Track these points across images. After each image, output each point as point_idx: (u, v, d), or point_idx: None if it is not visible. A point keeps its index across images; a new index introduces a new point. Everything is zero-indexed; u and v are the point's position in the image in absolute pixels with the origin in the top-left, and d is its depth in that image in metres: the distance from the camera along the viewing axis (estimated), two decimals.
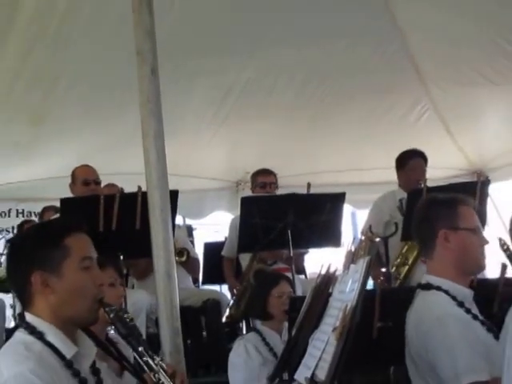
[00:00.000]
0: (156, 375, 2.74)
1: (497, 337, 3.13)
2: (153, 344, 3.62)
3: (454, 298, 3.42)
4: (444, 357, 3.30)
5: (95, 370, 2.76)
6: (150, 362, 2.79)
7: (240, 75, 7.06)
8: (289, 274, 5.64)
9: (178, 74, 4.30)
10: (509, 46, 6.75)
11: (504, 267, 3.97)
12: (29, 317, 2.62)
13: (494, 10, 6.55)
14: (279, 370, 3.62)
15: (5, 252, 5.19)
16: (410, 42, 7.25)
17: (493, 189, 6.97)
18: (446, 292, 3.44)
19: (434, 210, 3.59)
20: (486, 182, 6.58)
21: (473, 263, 3.63)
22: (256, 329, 5.05)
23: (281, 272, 5.60)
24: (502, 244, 3.79)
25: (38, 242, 2.70)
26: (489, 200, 5.35)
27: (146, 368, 2.78)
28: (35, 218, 6.75)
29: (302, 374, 2.96)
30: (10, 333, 2.76)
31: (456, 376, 3.21)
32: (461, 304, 3.42)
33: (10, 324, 5.88)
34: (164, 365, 2.85)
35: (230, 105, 7.34)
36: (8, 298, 5.68)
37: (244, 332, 5.19)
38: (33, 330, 2.59)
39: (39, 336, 2.57)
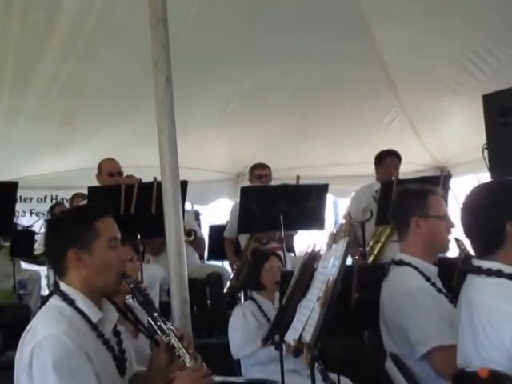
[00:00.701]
0: (167, 337, 2.74)
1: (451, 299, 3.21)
2: (164, 311, 3.62)
3: (422, 273, 3.44)
4: (414, 324, 3.30)
5: (116, 332, 2.81)
6: (163, 325, 2.81)
7: (241, 84, 7.07)
8: (280, 252, 5.62)
9: (189, 82, 4.25)
10: (468, 63, 6.75)
11: (458, 243, 3.95)
12: (63, 286, 2.65)
13: (457, 29, 6.54)
14: (272, 333, 3.60)
15: (42, 231, 5.09)
16: (384, 56, 7.24)
17: (453, 182, 6.98)
18: (416, 268, 3.45)
19: (407, 200, 3.54)
20: (447, 176, 6.58)
21: (440, 246, 3.67)
22: (252, 297, 5.04)
23: (272, 250, 5.61)
24: (460, 244, 3.80)
25: (74, 224, 2.75)
26: (450, 192, 5.27)
27: (158, 331, 2.80)
28: (66, 203, 6.64)
29: (291, 336, 2.95)
30: (45, 299, 2.78)
31: (424, 340, 3.21)
32: (428, 279, 3.44)
33: (45, 292, 5.84)
34: (174, 328, 2.85)
35: (232, 109, 7.33)
36: (43, 271, 5.62)
37: (242, 300, 5.16)
38: (65, 297, 2.62)
39: (70, 302, 2.60)
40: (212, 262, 7.09)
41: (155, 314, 2.79)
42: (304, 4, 6.26)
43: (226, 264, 6.98)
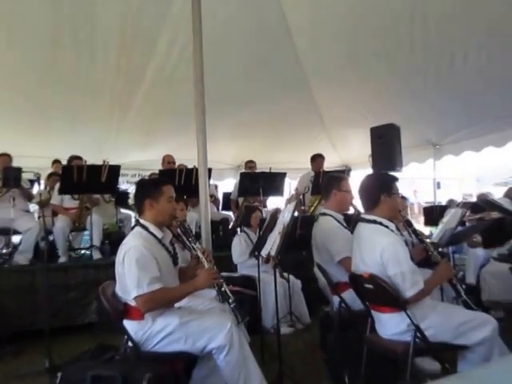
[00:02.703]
0: (196, 251, 2.87)
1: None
2: (197, 237, 3.61)
3: (336, 219, 3.42)
4: (332, 244, 3.27)
5: (172, 244, 2.86)
6: (195, 245, 2.83)
7: (240, 115, 6.97)
8: (260, 208, 5.67)
9: (212, 112, 4.19)
10: (362, 110, 6.70)
11: (354, 206, 3.88)
12: (141, 220, 2.75)
13: (358, 92, 6.49)
14: (254, 250, 3.61)
15: (132, 192, 5.13)
16: (318, 101, 7.15)
17: (352, 174, 7.02)
18: (332, 216, 3.43)
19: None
20: (349, 171, 6.64)
21: (346, 206, 3.59)
22: (244, 231, 5.06)
23: (256, 206, 5.57)
24: (354, 206, 3.58)
25: (149, 187, 2.80)
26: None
27: (194, 246, 2.84)
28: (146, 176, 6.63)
29: (264, 252, 2.97)
30: (132, 228, 2.79)
31: (339, 253, 3.20)
32: (339, 222, 3.42)
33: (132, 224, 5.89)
34: (200, 246, 2.93)
35: (235, 130, 7.29)
36: (132, 213, 5.63)
37: (239, 232, 5.16)
38: (143, 226, 2.70)
39: (146, 228, 2.70)
40: (223, 212, 7.03)
41: (191, 238, 2.86)
42: (261, 64, 6.06)
43: (230, 213, 6.93)
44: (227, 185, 8.17)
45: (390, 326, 2.56)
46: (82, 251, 5.75)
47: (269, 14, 5.42)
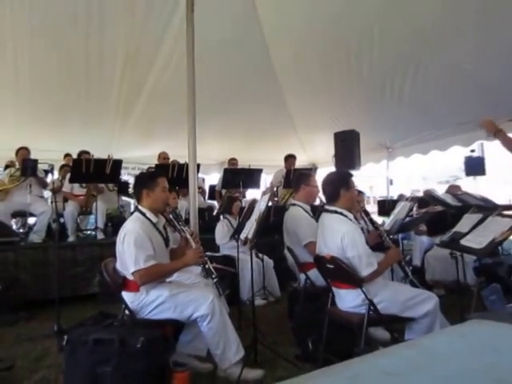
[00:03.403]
0: (185, 233, 2.81)
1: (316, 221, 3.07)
2: (187, 222, 3.54)
3: (304, 209, 3.38)
4: (300, 230, 3.23)
5: (165, 228, 2.81)
6: (185, 228, 2.79)
7: (225, 120, 6.86)
8: (240, 198, 5.61)
9: (202, 117, 4.12)
10: (329, 119, 6.69)
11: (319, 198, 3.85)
12: (140, 207, 2.70)
13: (327, 104, 6.47)
14: (234, 233, 3.58)
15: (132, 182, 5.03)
16: (292, 113, 7.12)
17: (318, 172, 6.98)
18: (301, 207, 3.40)
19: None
20: (316, 169, 6.62)
21: (314, 199, 3.57)
22: (226, 217, 4.98)
23: (236, 197, 5.48)
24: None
25: (146, 178, 2.78)
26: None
27: (183, 229, 2.79)
28: (144, 170, 6.46)
29: (243, 235, 2.93)
30: (131, 213, 2.77)
31: (304, 238, 3.18)
32: (307, 212, 3.39)
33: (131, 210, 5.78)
34: (189, 229, 2.86)
35: (222, 132, 7.19)
36: (132, 201, 5.52)
37: (222, 218, 5.08)
38: (141, 212, 2.65)
39: (143, 213, 2.66)
40: (209, 201, 6.94)
41: (181, 223, 2.81)
42: (243, 78, 6.03)
43: (215, 202, 6.86)
44: (213, 178, 8.07)
45: (348, 300, 2.55)
46: (88, 232, 5.68)
47: (251, 34, 5.41)
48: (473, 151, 6.17)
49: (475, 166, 6.16)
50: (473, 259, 3.81)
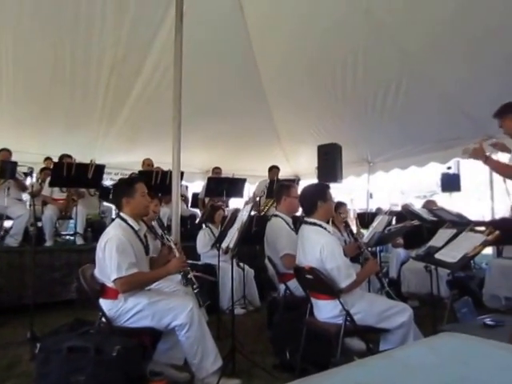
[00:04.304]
0: (168, 242, 2.74)
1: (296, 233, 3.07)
2: (168, 229, 3.51)
3: (285, 221, 3.39)
4: (278, 242, 3.23)
5: (145, 236, 2.77)
6: (170, 237, 2.78)
7: (209, 129, 6.86)
8: (223, 207, 5.60)
9: (187, 125, 4.10)
10: (313, 131, 6.79)
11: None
12: (121, 214, 2.65)
13: (308, 117, 6.55)
14: (216, 243, 3.56)
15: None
16: (276, 124, 7.20)
17: (301, 183, 7.04)
18: (282, 218, 3.40)
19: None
20: (298, 180, 6.67)
21: (295, 210, 3.54)
22: (208, 226, 4.95)
23: (219, 206, 5.47)
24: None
25: (125, 186, 2.72)
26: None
27: (168, 238, 2.78)
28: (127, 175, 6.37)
29: (224, 244, 2.92)
30: (113, 219, 2.71)
31: (281, 249, 3.20)
32: (288, 224, 3.38)
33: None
34: (171, 238, 2.84)
35: (207, 140, 7.18)
36: (113, 206, 5.43)
37: (204, 227, 5.05)
38: (122, 218, 2.60)
39: (125, 220, 2.62)
40: (191, 209, 6.88)
41: (166, 231, 2.80)
42: (229, 88, 6.06)
43: (198, 210, 6.81)
44: (196, 186, 8.00)
45: (326, 310, 2.56)
46: (67, 237, 5.55)
47: (239, 47, 5.50)
48: (449, 168, 6.34)
49: (451, 183, 6.33)
50: (446, 273, 3.89)
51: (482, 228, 2.31)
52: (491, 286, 4.25)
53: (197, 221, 6.20)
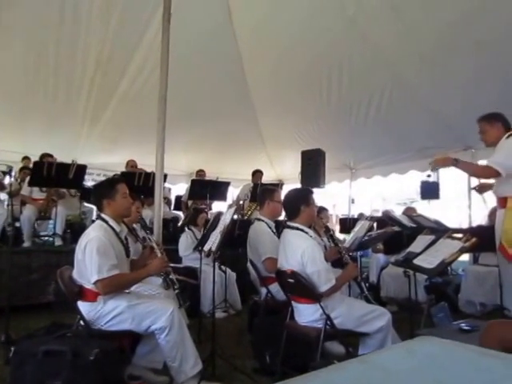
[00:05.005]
0: (150, 243, 2.71)
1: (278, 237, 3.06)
2: (151, 232, 3.46)
3: (268, 225, 3.37)
4: (261, 245, 3.23)
5: (126, 238, 2.71)
6: (149, 237, 2.75)
7: (194, 133, 6.86)
8: (206, 210, 5.56)
9: (172, 127, 4.06)
10: (297, 137, 6.84)
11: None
12: (102, 215, 2.60)
13: (291, 122, 6.60)
14: (198, 245, 3.53)
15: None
16: (262, 128, 7.25)
17: (284, 187, 7.04)
18: (265, 222, 3.38)
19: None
20: (282, 185, 6.70)
21: (279, 214, 3.50)
22: (191, 229, 4.93)
23: (202, 209, 5.44)
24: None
25: (105, 187, 2.68)
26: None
27: (150, 238, 2.76)
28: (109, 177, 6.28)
29: (207, 247, 2.90)
30: (94, 221, 2.65)
31: (264, 253, 3.21)
32: (270, 227, 3.36)
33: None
34: (154, 238, 2.81)
35: (192, 142, 7.17)
36: (95, 207, 5.34)
37: (186, 230, 5.00)
38: (103, 219, 2.56)
39: (105, 221, 2.57)
40: (174, 211, 6.81)
41: (148, 231, 2.78)
42: (215, 91, 6.05)
43: (180, 213, 6.77)
44: (180, 188, 7.94)
45: (306, 314, 2.57)
46: (46, 238, 5.41)
47: (227, 51, 5.52)
48: (429, 176, 6.44)
49: (430, 191, 6.44)
50: (424, 278, 3.95)
51: (460, 235, 2.36)
52: (467, 292, 4.34)
53: (179, 223, 6.16)
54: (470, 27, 3.98)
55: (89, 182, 6.51)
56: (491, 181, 3.10)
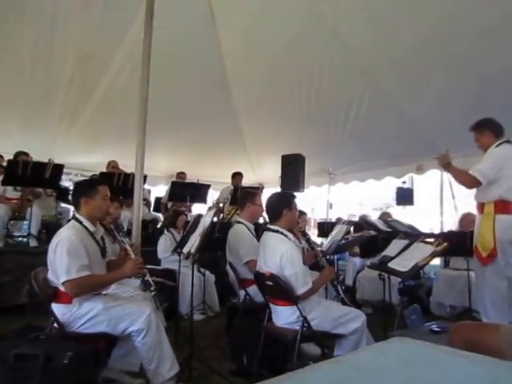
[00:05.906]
0: (125, 245, 2.70)
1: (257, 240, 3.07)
2: (129, 233, 3.42)
3: (248, 228, 3.39)
4: (241, 248, 3.21)
5: (102, 238, 2.67)
6: (125, 239, 2.70)
7: (177, 135, 6.79)
8: (186, 212, 5.54)
9: (152, 128, 4.02)
10: (278, 143, 6.87)
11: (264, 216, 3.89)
12: (77, 215, 2.56)
13: (276, 130, 6.66)
14: (177, 247, 3.50)
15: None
16: (244, 136, 7.26)
17: (265, 191, 7.04)
18: (245, 225, 3.38)
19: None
20: (262, 188, 6.70)
21: (258, 216, 3.58)
22: (170, 231, 4.88)
23: (182, 211, 5.40)
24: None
25: (86, 186, 2.62)
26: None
27: (123, 240, 2.70)
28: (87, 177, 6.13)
29: (186, 249, 2.87)
30: (69, 220, 2.57)
31: (245, 255, 3.21)
32: (251, 230, 3.38)
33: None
34: (129, 241, 2.79)
35: (172, 144, 7.08)
36: (71, 208, 5.22)
37: (166, 232, 4.95)
38: (77, 220, 2.51)
39: (80, 222, 2.52)
40: (154, 213, 6.74)
41: (121, 233, 2.74)
42: (197, 94, 6.04)
43: (160, 215, 6.69)
44: (159, 190, 7.85)
45: (284, 316, 2.59)
46: (20, 238, 5.23)
47: (209, 55, 5.51)
48: (404, 183, 6.61)
49: (405, 197, 6.59)
50: (398, 281, 4.04)
51: (432, 240, 2.43)
52: (438, 295, 4.46)
53: (159, 225, 6.09)
54: (447, 40, 4.08)
55: (66, 182, 6.37)
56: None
